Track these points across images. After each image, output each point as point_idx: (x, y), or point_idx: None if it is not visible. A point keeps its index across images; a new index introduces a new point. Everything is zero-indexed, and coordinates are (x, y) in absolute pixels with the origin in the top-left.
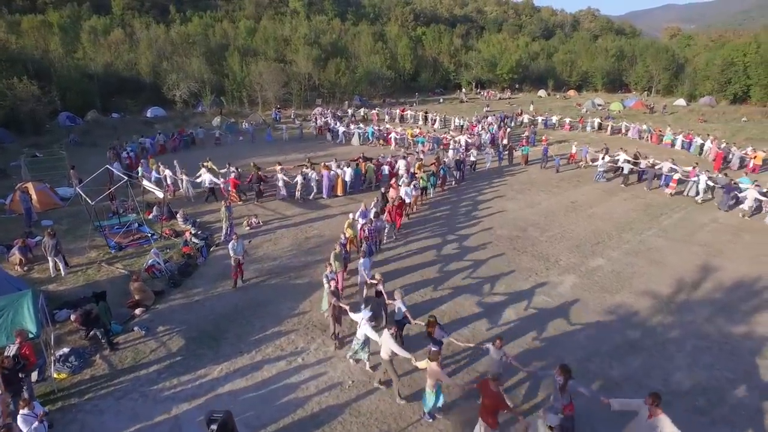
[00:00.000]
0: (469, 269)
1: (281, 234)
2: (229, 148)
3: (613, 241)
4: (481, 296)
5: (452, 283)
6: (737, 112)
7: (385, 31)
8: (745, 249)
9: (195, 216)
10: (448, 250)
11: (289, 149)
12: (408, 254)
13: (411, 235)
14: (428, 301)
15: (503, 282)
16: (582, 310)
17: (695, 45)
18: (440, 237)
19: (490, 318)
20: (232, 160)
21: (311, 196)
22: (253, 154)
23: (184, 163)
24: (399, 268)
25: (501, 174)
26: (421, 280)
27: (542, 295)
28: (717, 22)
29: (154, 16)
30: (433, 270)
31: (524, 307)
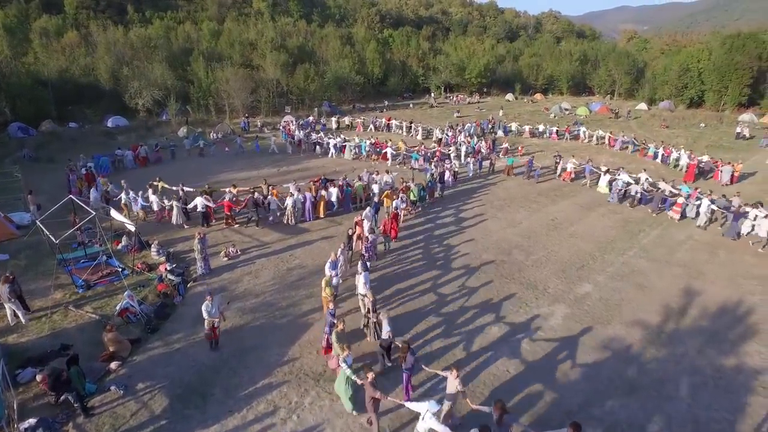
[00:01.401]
0: (458, 302)
1: (261, 265)
2: (207, 161)
3: (597, 263)
4: (474, 334)
5: (442, 320)
6: (696, 117)
7: (352, 34)
8: (722, 268)
9: (168, 244)
10: (434, 280)
11: (261, 163)
12: (392, 284)
13: (393, 262)
14: (419, 345)
15: (495, 316)
16: (576, 345)
17: (651, 49)
18: (424, 266)
19: (485, 360)
20: (203, 176)
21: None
22: (225, 169)
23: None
24: (384, 302)
25: (480, 187)
26: (406, 313)
27: (535, 329)
28: (667, 24)
29: (110, 16)
30: (420, 304)
31: (519, 345)
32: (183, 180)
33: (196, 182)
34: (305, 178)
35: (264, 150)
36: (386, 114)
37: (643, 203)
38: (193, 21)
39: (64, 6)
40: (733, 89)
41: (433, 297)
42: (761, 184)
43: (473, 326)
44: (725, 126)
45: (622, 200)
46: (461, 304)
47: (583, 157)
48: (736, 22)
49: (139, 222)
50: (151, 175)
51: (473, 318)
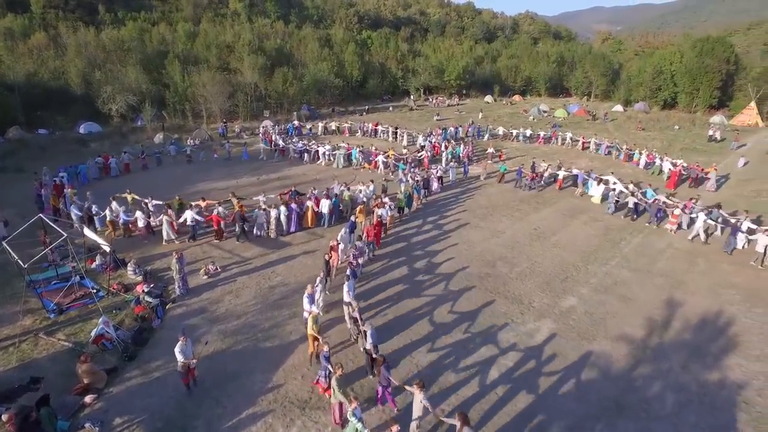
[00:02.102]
0: (443, 319)
1: (242, 283)
2: (187, 169)
3: (581, 274)
4: (460, 353)
5: (426, 340)
6: (670, 119)
7: (330, 35)
8: (702, 278)
9: (145, 262)
10: (418, 296)
11: (241, 172)
12: (375, 297)
13: (376, 273)
14: (402, 364)
15: (480, 333)
16: (563, 363)
17: (626, 50)
18: (407, 281)
19: (473, 381)
20: (181, 185)
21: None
22: (204, 178)
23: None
24: (367, 315)
25: (461, 194)
26: (388, 328)
27: (522, 347)
28: (639, 25)
29: (80, 16)
30: (403, 323)
31: (506, 364)
32: (161, 190)
33: (173, 192)
34: (285, 188)
35: (253, 157)
36: (373, 119)
37: (637, 214)
38: (168, 22)
39: (30, 5)
40: (704, 91)
41: (416, 315)
42: (735, 188)
43: (459, 345)
44: (698, 128)
45: (617, 211)
46: (446, 321)
47: (563, 161)
48: (703, 23)
49: (114, 238)
50: (130, 184)
51: (458, 336)
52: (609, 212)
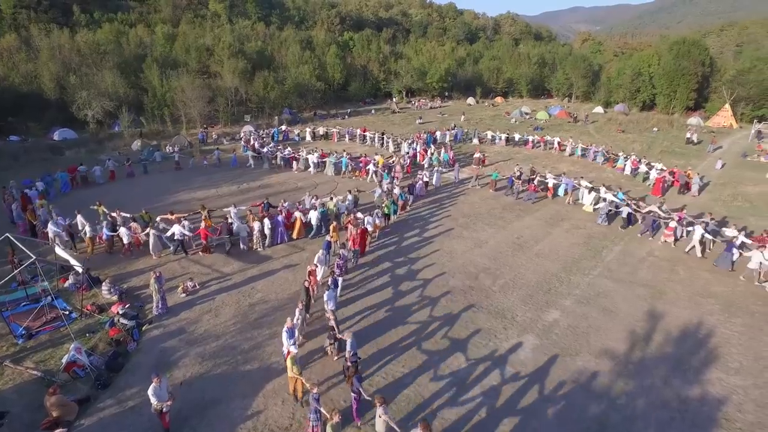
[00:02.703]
0: (426, 335)
1: (222, 301)
2: (167, 178)
3: (563, 286)
4: (443, 371)
5: (408, 357)
6: (649, 121)
7: (312, 37)
8: (683, 287)
9: (121, 279)
10: (400, 311)
11: (222, 180)
12: (357, 311)
13: (358, 287)
14: (390, 384)
15: (463, 350)
16: (546, 381)
17: (605, 51)
18: (389, 295)
19: (456, 400)
20: (160, 195)
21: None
22: (183, 188)
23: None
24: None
25: (444, 201)
26: (369, 344)
27: (504, 364)
28: (618, 25)
29: (54, 17)
30: (386, 340)
31: (489, 382)
32: (140, 200)
33: (152, 202)
34: (268, 196)
35: (242, 163)
36: (356, 123)
37: (631, 224)
38: (146, 23)
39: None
40: (681, 93)
41: (397, 331)
42: (712, 191)
43: (442, 363)
44: (676, 130)
45: (611, 221)
46: (428, 338)
47: (545, 166)
48: (678, 24)
49: (90, 255)
50: (110, 193)
51: (442, 353)
52: (601, 222)
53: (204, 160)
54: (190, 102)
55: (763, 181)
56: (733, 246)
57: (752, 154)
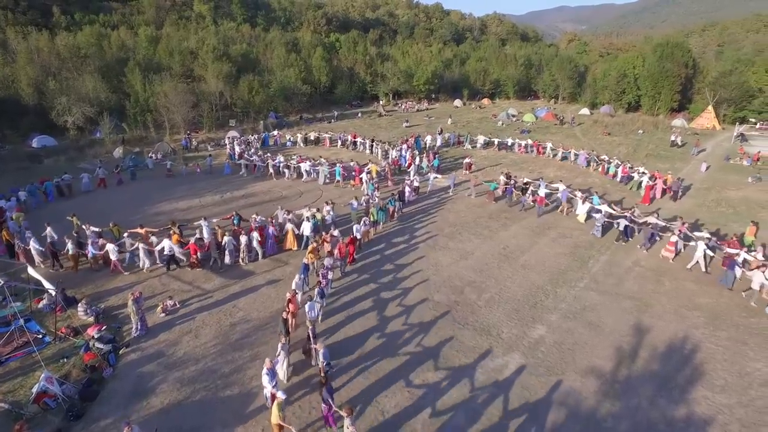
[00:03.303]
0: (410, 353)
1: (202, 320)
2: (150, 187)
3: (550, 299)
4: (427, 392)
5: (394, 378)
6: (634, 123)
7: (298, 39)
8: (669, 300)
9: (99, 298)
10: (384, 328)
11: (205, 189)
12: (339, 330)
13: (340, 304)
14: (368, 411)
15: (448, 369)
16: (532, 402)
17: (591, 52)
18: (372, 311)
19: (440, 424)
20: (139, 206)
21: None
22: (165, 198)
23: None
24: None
25: (431, 209)
26: (351, 363)
27: (490, 385)
28: (603, 24)
29: (33, 19)
30: (368, 359)
31: (473, 406)
32: (121, 211)
33: (132, 213)
34: (251, 206)
35: (234, 170)
36: (343, 127)
37: (628, 236)
38: (129, 25)
39: None
40: (665, 95)
41: (382, 349)
42: (696, 197)
43: (425, 384)
44: (660, 132)
45: (605, 233)
46: (413, 358)
47: (532, 171)
48: (662, 23)
49: (75, 273)
50: (91, 204)
51: (425, 374)
52: (596, 234)
53: (197, 168)
54: (174, 107)
55: (745, 186)
56: (736, 264)
57: (735, 157)
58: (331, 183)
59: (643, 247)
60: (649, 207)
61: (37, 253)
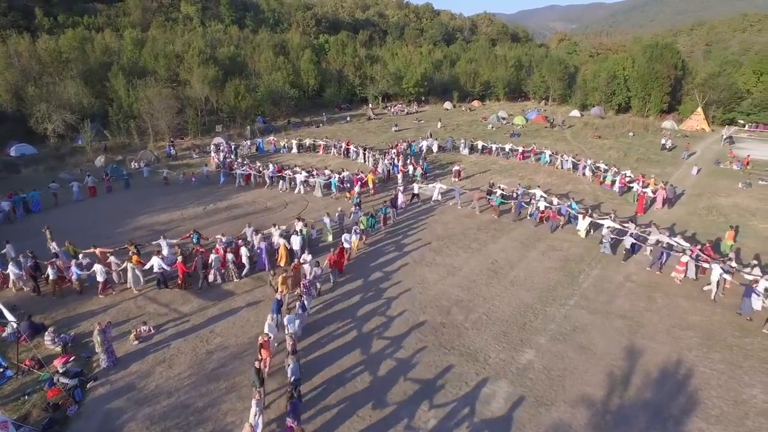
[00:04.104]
0: (392, 381)
1: (177, 348)
2: (132, 197)
3: (539, 319)
4: (409, 425)
5: (374, 404)
6: (624, 126)
7: (286, 41)
8: (661, 318)
9: (72, 323)
10: (365, 352)
11: (187, 200)
12: (317, 359)
13: (322, 317)
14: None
15: (431, 399)
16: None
17: (581, 52)
18: (355, 331)
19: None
20: (120, 219)
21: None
22: (146, 210)
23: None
24: (311, 382)
25: (419, 221)
26: (329, 389)
27: (477, 419)
28: (593, 23)
29: (14, 20)
30: (350, 389)
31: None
32: (101, 224)
33: (110, 226)
34: (235, 219)
35: (229, 181)
36: (330, 132)
37: (634, 253)
38: (114, 28)
39: None
40: (655, 96)
41: (361, 373)
42: (687, 204)
43: (408, 415)
44: (651, 134)
45: (615, 250)
46: (394, 383)
47: (522, 177)
48: (651, 22)
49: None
50: (73, 214)
51: (408, 403)
52: (605, 252)
53: (192, 177)
54: (158, 113)
55: (735, 192)
56: (753, 291)
57: (724, 161)
58: (330, 194)
59: (653, 268)
60: (641, 218)
61: (16, 278)
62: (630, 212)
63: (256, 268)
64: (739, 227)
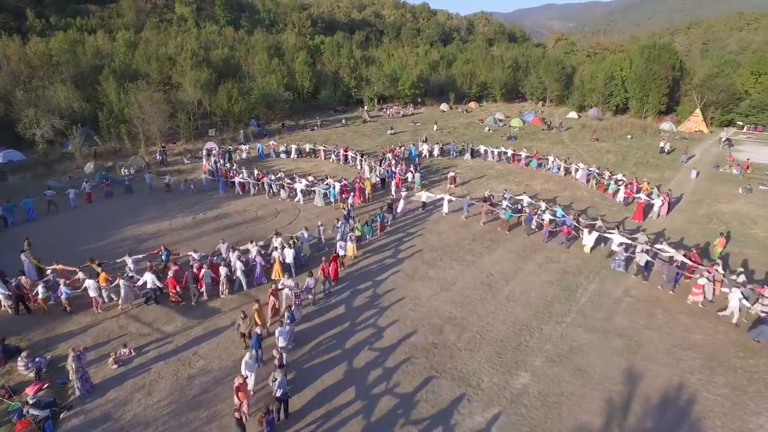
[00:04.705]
0: (380, 409)
1: (158, 372)
2: (121, 206)
3: (535, 339)
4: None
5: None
6: (622, 128)
7: (281, 42)
8: (661, 338)
9: (50, 345)
10: (356, 372)
11: (176, 209)
12: (303, 381)
13: (309, 334)
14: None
15: (420, 427)
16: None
17: (578, 52)
18: (344, 348)
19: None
20: (105, 229)
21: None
22: (134, 219)
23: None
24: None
25: (413, 231)
26: (313, 410)
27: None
28: (590, 22)
29: (5, 22)
30: (333, 412)
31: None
32: (87, 234)
33: (97, 237)
34: (224, 229)
35: (219, 190)
36: (326, 135)
37: (648, 271)
38: (107, 29)
39: None
40: (653, 97)
41: (348, 396)
42: (686, 210)
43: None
44: (649, 136)
45: (628, 267)
46: (382, 409)
47: (519, 183)
48: (648, 21)
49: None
50: (59, 225)
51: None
52: (618, 270)
53: (191, 185)
54: (149, 117)
55: (735, 198)
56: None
57: (724, 165)
58: (331, 204)
59: (666, 288)
60: (640, 224)
61: (4, 298)
62: (625, 218)
63: (254, 282)
64: (734, 235)
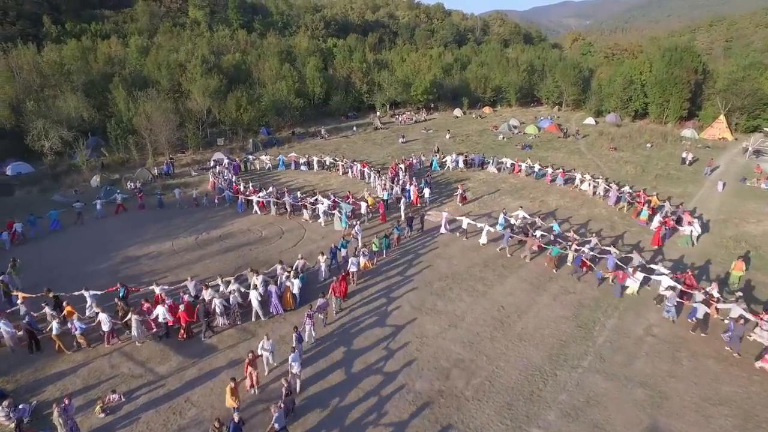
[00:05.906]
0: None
1: (147, 423)
2: (120, 224)
3: (548, 387)
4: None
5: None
6: (642, 135)
7: (293, 47)
8: (687, 388)
9: (38, 387)
10: (352, 425)
11: (179, 229)
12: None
13: (306, 373)
14: None
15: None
16: None
17: (596, 53)
18: (341, 395)
19: None
20: (109, 249)
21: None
22: (135, 239)
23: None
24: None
25: (421, 253)
26: None
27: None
28: (608, 19)
29: (22, 29)
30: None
31: None
32: (85, 253)
33: (96, 258)
34: (226, 252)
35: (238, 209)
36: (335, 145)
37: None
38: (121, 34)
39: None
40: (674, 102)
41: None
42: (711, 232)
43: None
44: (670, 145)
45: (679, 312)
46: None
47: (534, 199)
48: (668, 17)
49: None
50: (56, 243)
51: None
52: (669, 317)
53: (215, 200)
54: (157, 128)
55: (765, 217)
56: None
57: (751, 179)
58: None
59: (732, 348)
60: (659, 251)
61: (10, 338)
62: (639, 242)
63: (271, 313)
64: (765, 262)
